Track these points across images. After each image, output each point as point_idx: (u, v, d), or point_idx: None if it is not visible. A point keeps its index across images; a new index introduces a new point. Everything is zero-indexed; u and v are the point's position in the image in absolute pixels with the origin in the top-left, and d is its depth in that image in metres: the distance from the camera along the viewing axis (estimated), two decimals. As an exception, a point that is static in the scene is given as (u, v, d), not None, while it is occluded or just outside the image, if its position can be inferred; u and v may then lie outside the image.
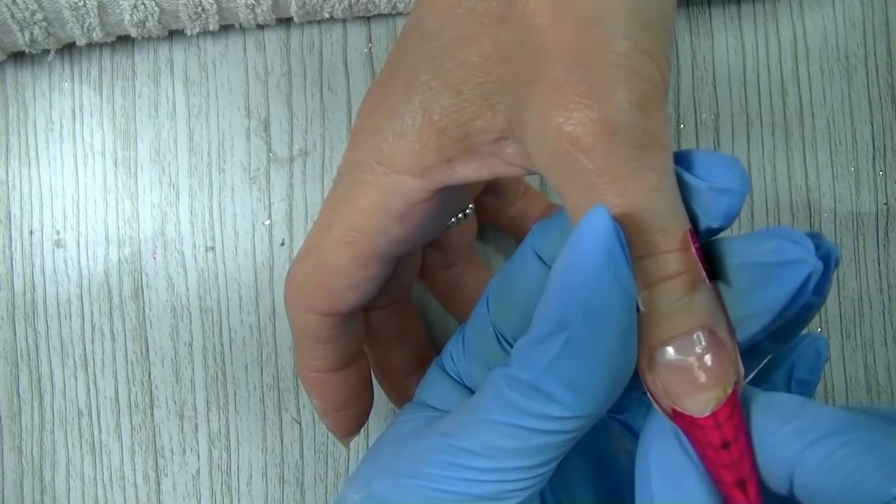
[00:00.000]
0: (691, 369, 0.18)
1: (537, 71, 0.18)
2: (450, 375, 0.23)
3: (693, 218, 0.19)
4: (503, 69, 0.19)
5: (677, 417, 0.19)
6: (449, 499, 0.19)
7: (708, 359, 0.18)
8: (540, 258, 0.21)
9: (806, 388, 0.24)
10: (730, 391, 0.18)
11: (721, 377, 0.18)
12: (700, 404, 0.18)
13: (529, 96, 0.18)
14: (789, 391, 0.24)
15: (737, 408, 0.18)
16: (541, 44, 0.18)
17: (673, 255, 0.18)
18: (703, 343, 0.18)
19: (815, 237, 0.20)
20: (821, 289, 0.20)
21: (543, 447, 0.18)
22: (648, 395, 0.19)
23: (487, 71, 0.19)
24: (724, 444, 0.18)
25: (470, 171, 0.20)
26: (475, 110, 0.19)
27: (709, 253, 0.19)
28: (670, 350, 0.18)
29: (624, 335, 0.17)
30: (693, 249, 0.18)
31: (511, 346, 0.22)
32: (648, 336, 0.18)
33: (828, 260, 0.19)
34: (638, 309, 0.18)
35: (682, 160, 0.19)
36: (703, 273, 0.18)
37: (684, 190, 0.19)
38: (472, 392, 0.23)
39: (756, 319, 0.18)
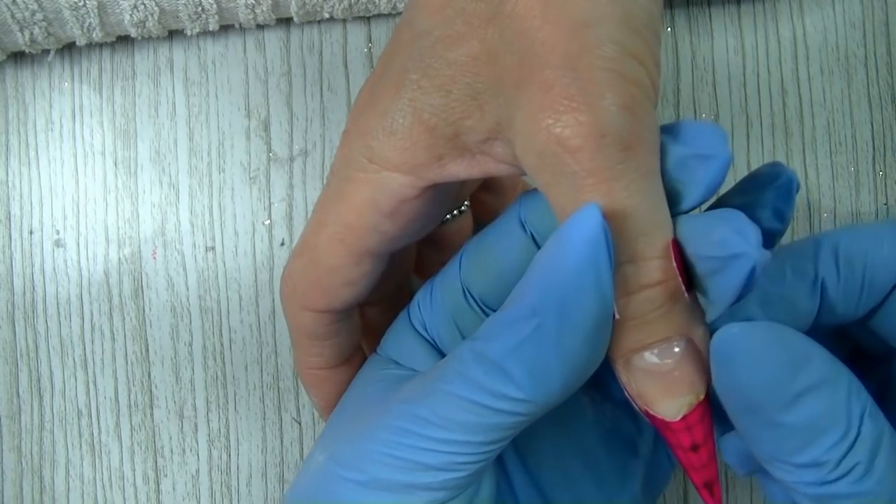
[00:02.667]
0: (665, 376, 0.18)
1: (526, 73, 0.18)
2: (414, 327, 0.24)
3: (678, 196, 0.19)
4: (492, 70, 0.19)
5: (650, 418, 0.19)
6: (401, 465, 0.19)
7: (682, 366, 0.18)
8: (523, 227, 0.22)
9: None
10: (702, 397, 0.19)
11: (694, 384, 0.19)
12: (673, 409, 0.19)
13: (518, 98, 0.18)
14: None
15: (707, 412, 0.19)
16: (529, 46, 0.18)
17: (654, 263, 0.18)
18: (679, 350, 0.18)
19: (774, 166, 0.20)
20: (783, 216, 0.20)
21: (496, 426, 0.18)
22: (625, 392, 0.19)
23: (476, 71, 0.19)
24: (693, 446, 0.19)
25: (460, 169, 0.21)
26: (464, 110, 0.19)
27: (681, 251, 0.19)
28: (646, 356, 0.18)
29: (592, 335, 0.18)
30: (673, 260, 0.18)
31: (477, 304, 0.22)
32: (625, 340, 0.19)
33: (789, 187, 0.20)
34: (613, 315, 0.18)
35: (668, 131, 0.19)
36: (682, 287, 0.18)
37: (668, 160, 0.19)
38: (434, 347, 0.23)
39: (712, 308, 0.19)
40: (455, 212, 0.28)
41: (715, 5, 0.34)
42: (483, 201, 0.30)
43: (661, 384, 0.18)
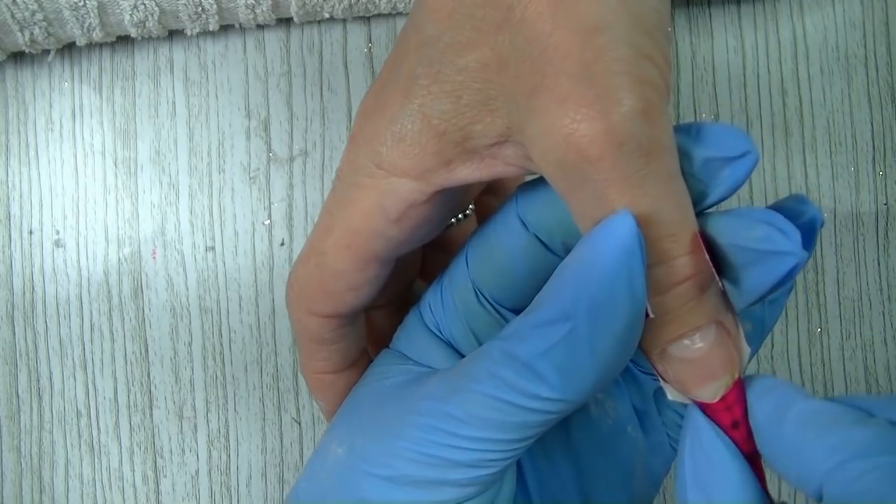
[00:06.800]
0: (701, 361, 0.19)
1: (539, 80, 0.18)
2: (427, 326, 0.24)
3: (700, 194, 0.19)
4: (503, 76, 0.19)
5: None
6: (431, 462, 0.19)
7: (715, 350, 0.19)
8: (523, 223, 0.22)
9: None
10: (737, 375, 0.19)
11: (728, 365, 0.19)
12: (710, 392, 0.19)
13: (532, 105, 0.18)
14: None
15: (742, 388, 0.20)
16: (542, 53, 0.18)
17: (683, 260, 0.18)
18: (711, 335, 0.19)
19: (799, 202, 0.20)
20: (807, 249, 0.21)
21: (526, 424, 0.19)
22: (661, 381, 0.20)
23: (486, 77, 0.19)
24: (734, 424, 0.19)
25: (469, 173, 0.21)
26: (475, 115, 0.20)
27: (705, 236, 0.19)
28: (681, 345, 0.19)
29: (624, 338, 0.18)
30: (703, 251, 0.18)
31: (490, 304, 0.23)
32: (660, 333, 0.19)
33: (813, 224, 0.20)
34: (647, 314, 0.18)
35: (688, 132, 0.19)
36: (713, 272, 0.19)
37: (692, 162, 0.19)
38: (450, 346, 0.23)
39: (741, 297, 0.19)
40: (460, 215, 0.28)
41: (715, 5, 0.34)
42: (487, 204, 0.30)
43: (697, 370, 0.19)
